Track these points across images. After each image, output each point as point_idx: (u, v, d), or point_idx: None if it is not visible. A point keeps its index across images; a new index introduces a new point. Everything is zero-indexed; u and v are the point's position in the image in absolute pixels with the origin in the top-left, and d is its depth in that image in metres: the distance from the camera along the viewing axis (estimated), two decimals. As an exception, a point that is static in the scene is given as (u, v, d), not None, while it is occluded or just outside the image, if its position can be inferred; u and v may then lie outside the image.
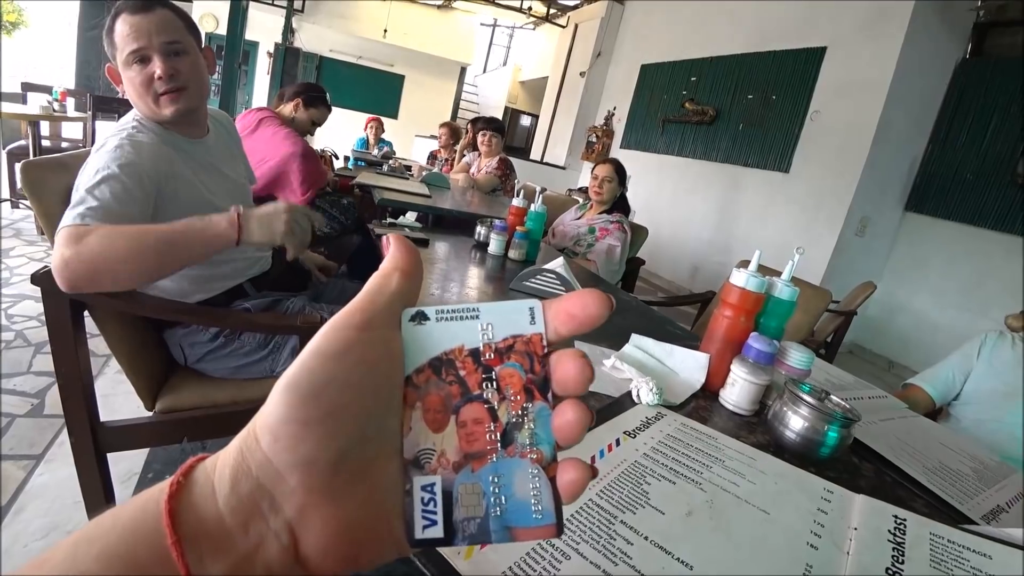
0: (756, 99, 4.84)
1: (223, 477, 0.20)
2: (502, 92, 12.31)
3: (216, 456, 0.21)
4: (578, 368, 0.22)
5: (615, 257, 2.27)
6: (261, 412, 0.20)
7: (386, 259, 0.24)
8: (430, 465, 0.22)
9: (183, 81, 1.08)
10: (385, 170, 3.35)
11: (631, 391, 0.78)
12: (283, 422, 0.20)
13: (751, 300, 0.86)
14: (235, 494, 0.19)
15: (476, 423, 0.22)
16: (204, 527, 0.19)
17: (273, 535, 0.19)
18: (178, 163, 1.08)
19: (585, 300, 0.22)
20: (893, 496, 0.67)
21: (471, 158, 3.84)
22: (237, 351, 1.19)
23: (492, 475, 0.22)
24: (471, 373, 0.22)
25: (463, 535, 0.21)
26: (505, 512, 0.21)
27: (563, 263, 1.37)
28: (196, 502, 0.19)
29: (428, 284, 1.26)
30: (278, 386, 0.20)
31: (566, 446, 0.22)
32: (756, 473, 0.62)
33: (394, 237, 0.24)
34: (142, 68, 1.04)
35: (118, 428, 1.10)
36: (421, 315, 0.23)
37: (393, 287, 0.22)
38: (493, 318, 0.23)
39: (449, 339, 0.22)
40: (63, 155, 1.09)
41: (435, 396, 0.22)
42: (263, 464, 0.20)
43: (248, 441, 0.20)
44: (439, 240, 1.76)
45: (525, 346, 0.22)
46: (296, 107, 2.27)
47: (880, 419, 0.92)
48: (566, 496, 0.22)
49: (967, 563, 0.51)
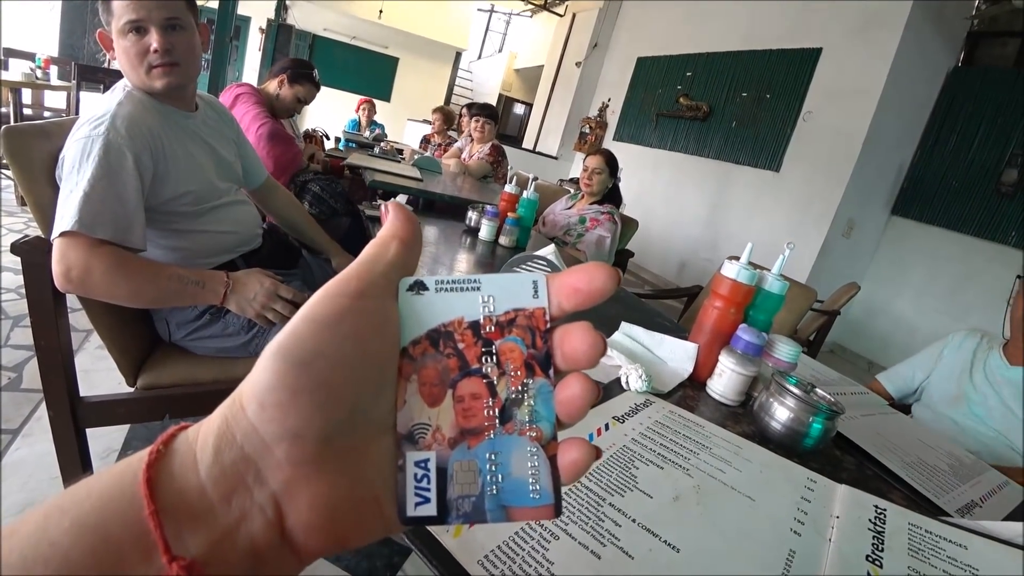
0: (750, 97, 4.86)
1: (206, 446, 0.19)
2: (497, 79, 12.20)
3: (199, 425, 0.20)
4: (589, 341, 0.21)
5: (605, 248, 2.27)
6: (248, 378, 0.19)
7: (384, 226, 0.23)
8: (424, 440, 0.21)
9: (177, 57, 1.06)
10: (376, 152, 3.31)
11: (620, 378, 0.79)
12: (271, 390, 0.19)
13: (741, 292, 0.86)
14: (218, 464, 0.18)
15: (474, 398, 0.21)
16: (184, 498, 0.18)
17: (258, 508, 0.18)
18: (168, 130, 1.07)
19: (592, 273, 0.21)
20: (873, 488, 0.68)
21: (463, 143, 3.81)
22: (222, 330, 1.17)
23: (489, 452, 0.21)
24: (470, 346, 0.22)
25: (457, 513, 0.21)
26: (501, 491, 0.21)
27: (554, 250, 1.37)
28: (176, 472, 0.18)
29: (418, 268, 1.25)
30: (267, 351, 0.19)
31: (568, 423, 0.22)
32: (742, 461, 0.63)
33: (393, 204, 0.23)
34: (138, 39, 1.03)
35: (98, 403, 1.08)
36: (420, 285, 0.22)
37: (391, 255, 0.22)
38: (495, 291, 0.22)
39: (448, 311, 0.22)
40: (46, 122, 1.06)
41: (432, 369, 0.21)
42: (249, 433, 0.19)
43: (234, 408, 0.19)
44: (429, 224, 1.75)
45: (527, 320, 0.22)
46: (280, 83, 2.17)
47: (862, 414, 0.94)
48: (567, 476, 0.21)
49: (943, 552, 0.52)
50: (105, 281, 0.93)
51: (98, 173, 0.93)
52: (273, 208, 1.51)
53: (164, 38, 1.03)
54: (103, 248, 0.93)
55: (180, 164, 1.08)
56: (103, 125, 0.96)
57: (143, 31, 1.02)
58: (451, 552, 0.41)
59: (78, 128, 0.98)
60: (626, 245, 2.64)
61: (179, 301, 1.04)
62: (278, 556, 0.19)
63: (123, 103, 1.02)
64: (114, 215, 0.94)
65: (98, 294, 0.94)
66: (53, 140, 1.00)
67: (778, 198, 4.48)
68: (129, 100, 1.03)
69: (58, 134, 1.02)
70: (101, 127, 0.96)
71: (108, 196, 0.93)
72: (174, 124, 1.11)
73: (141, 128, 1.01)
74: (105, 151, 0.94)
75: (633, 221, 2.63)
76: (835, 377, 1.10)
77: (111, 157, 0.95)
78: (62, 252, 0.91)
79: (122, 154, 0.96)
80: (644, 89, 6.27)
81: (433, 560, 0.39)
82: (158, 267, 1.02)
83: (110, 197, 0.94)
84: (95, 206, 0.91)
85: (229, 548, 0.18)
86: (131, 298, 0.98)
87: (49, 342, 0.99)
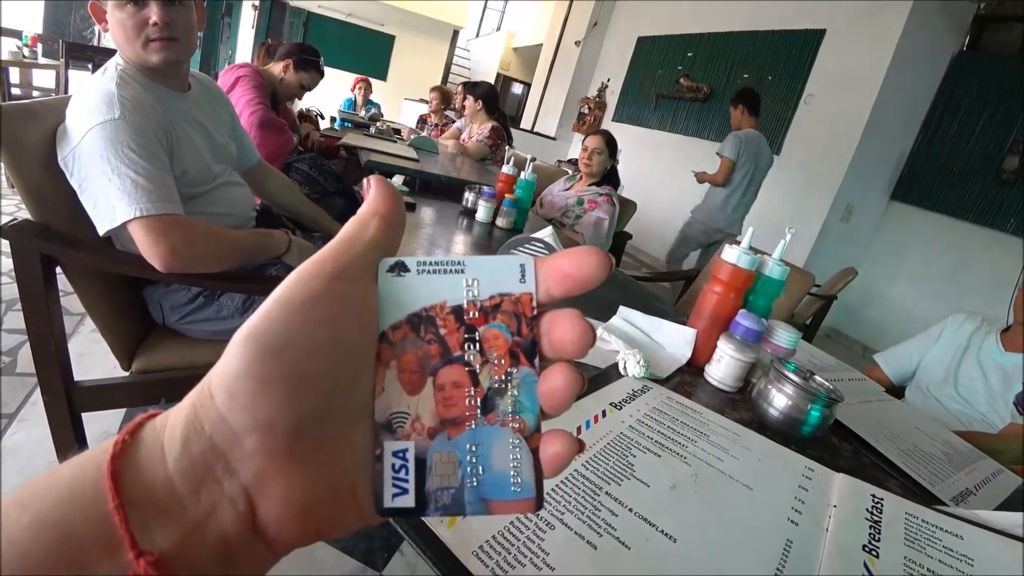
0: (751, 79, 4.79)
1: (174, 437, 0.18)
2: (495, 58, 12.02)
3: (167, 414, 0.19)
4: (578, 330, 0.20)
5: (603, 230, 2.26)
6: (218, 365, 0.18)
7: (365, 203, 0.21)
8: (403, 430, 0.20)
9: (176, 31, 1.04)
10: (373, 132, 3.27)
11: (618, 363, 0.78)
12: (240, 378, 0.18)
13: (741, 277, 0.85)
14: (187, 455, 0.17)
15: (455, 387, 0.20)
16: (151, 491, 0.17)
17: (228, 501, 0.18)
18: (165, 110, 1.06)
19: (582, 258, 0.20)
20: (870, 476, 0.69)
21: (461, 124, 3.75)
22: (216, 313, 1.16)
23: (470, 443, 0.20)
24: (452, 332, 0.20)
25: (436, 506, 0.20)
26: (482, 483, 0.20)
27: (551, 232, 1.36)
28: (142, 464, 0.17)
29: (413, 250, 1.24)
30: (237, 336, 0.18)
31: (552, 414, 0.21)
32: (740, 449, 0.63)
33: (375, 179, 0.22)
34: (136, 10, 1.00)
35: (93, 388, 1.07)
36: (400, 266, 0.20)
37: (370, 234, 0.20)
38: (479, 274, 0.21)
39: (430, 294, 0.21)
40: (34, 102, 1.03)
41: (412, 355, 0.20)
42: (217, 423, 0.18)
43: (202, 397, 0.18)
44: (426, 205, 1.73)
45: (513, 306, 0.21)
46: (286, 68, 2.16)
47: (859, 401, 0.94)
48: (549, 470, 0.20)
49: (939, 542, 0.52)
50: (208, 248, 1.00)
51: (137, 155, 0.94)
52: (267, 191, 1.49)
53: (164, 11, 1.01)
54: (180, 219, 0.98)
55: (181, 145, 1.07)
56: (116, 109, 0.95)
57: (142, 3, 1.00)
58: (445, 543, 0.40)
59: (82, 115, 0.95)
60: (624, 227, 2.63)
61: (261, 254, 1.13)
62: (250, 549, 0.18)
63: (121, 85, 0.99)
64: (168, 190, 0.98)
65: (199, 264, 0.99)
66: (42, 121, 0.98)
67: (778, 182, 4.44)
68: (124, 81, 1.01)
69: (47, 115, 0.99)
70: (115, 111, 0.94)
71: (155, 174, 0.96)
72: (168, 105, 1.08)
73: (147, 107, 1.00)
74: (133, 132, 0.94)
75: (631, 203, 2.61)
76: (832, 363, 1.10)
77: (139, 138, 0.95)
78: (158, 233, 0.94)
79: (145, 134, 0.97)
80: (644, 70, 6.19)
81: (428, 551, 0.39)
82: (223, 228, 1.08)
83: (157, 174, 0.96)
84: (151, 185, 0.94)
85: (199, 542, 0.17)
86: (230, 257, 1.05)
87: (41, 327, 0.98)
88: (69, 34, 7.17)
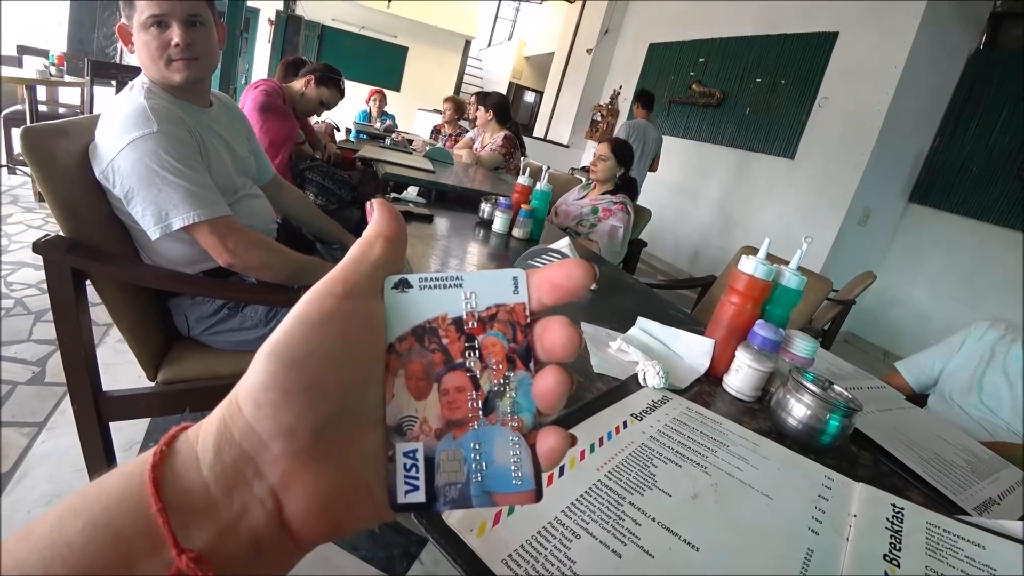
0: (764, 83, 4.78)
1: (206, 446, 0.20)
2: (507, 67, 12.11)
3: (198, 425, 0.21)
4: (567, 334, 0.22)
5: (618, 238, 2.26)
6: (243, 380, 0.20)
7: (370, 225, 0.23)
8: (412, 432, 0.22)
9: (197, 52, 1.09)
10: (388, 143, 3.31)
11: (637, 374, 0.79)
12: (265, 390, 0.20)
13: (758, 288, 0.86)
14: (219, 462, 0.19)
15: (458, 391, 0.22)
16: (188, 496, 0.19)
17: (257, 502, 0.20)
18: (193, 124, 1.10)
19: (569, 270, 0.22)
20: (890, 485, 0.68)
21: (474, 133, 3.78)
22: (240, 324, 1.19)
23: (473, 442, 0.22)
24: (454, 342, 0.22)
25: (444, 500, 0.22)
26: (485, 478, 0.22)
27: (568, 243, 1.37)
28: (180, 471, 0.19)
29: (429, 261, 1.26)
30: (260, 353, 0.20)
31: (547, 412, 0.22)
32: (759, 459, 0.63)
33: (378, 203, 0.24)
34: (160, 33, 1.05)
35: (120, 398, 1.11)
36: (404, 283, 0.23)
37: (376, 254, 0.22)
38: (476, 287, 0.23)
39: (432, 307, 0.23)
40: (64, 121, 1.07)
41: (418, 364, 0.22)
42: (246, 432, 0.20)
43: (231, 409, 0.20)
44: (442, 216, 1.75)
45: (508, 315, 0.23)
46: (308, 83, 2.23)
47: (878, 409, 0.93)
48: (545, 463, 0.22)
49: (961, 552, 0.52)
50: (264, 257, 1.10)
51: (180, 163, 1.01)
52: (282, 204, 1.53)
53: (185, 33, 1.06)
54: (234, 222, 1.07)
55: (210, 156, 1.13)
56: (152, 123, 1.00)
57: (165, 25, 1.05)
58: (475, 551, 0.42)
59: (118, 129, 0.99)
60: (639, 235, 2.63)
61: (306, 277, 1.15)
62: (278, 545, 0.20)
63: (150, 98, 1.04)
64: (216, 193, 1.07)
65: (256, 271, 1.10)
66: (72, 139, 1.02)
67: (793, 186, 4.42)
68: (152, 97, 1.06)
69: (76, 133, 1.03)
70: (152, 124, 1.00)
71: (200, 180, 1.04)
72: (195, 118, 1.13)
73: (177, 119, 1.05)
74: (174, 142, 1.01)
75: (646, 211, 2.61)
76: (851, 370, 1.09)
77: (179, 147, 1.02)
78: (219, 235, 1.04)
79: (184, 142, 1.04)
80: (656, 76, 6.19)
81: (458, 560, 0.40)
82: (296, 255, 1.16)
83: (202, 179, 1.04)
84: (201, 191, 1.03)
85: (232, 540, 0.19)
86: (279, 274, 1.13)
87: (71, 338, 1.01)
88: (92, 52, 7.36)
